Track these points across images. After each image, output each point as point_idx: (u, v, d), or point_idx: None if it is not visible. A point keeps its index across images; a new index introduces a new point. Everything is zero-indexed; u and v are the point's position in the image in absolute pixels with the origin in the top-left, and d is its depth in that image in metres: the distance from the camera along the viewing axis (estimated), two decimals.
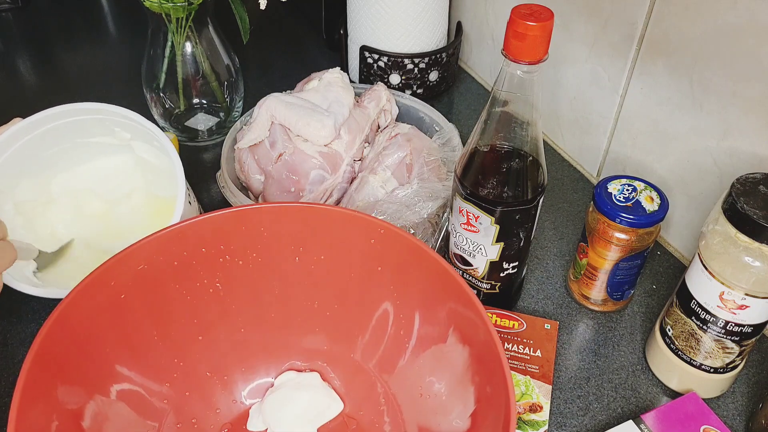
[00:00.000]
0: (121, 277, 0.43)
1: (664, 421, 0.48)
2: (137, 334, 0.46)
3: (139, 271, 0.44)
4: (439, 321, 0.45)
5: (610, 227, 0.54)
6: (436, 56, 0.80)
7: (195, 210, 0.56)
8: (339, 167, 0.61)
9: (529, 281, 0.62)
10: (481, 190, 0.50)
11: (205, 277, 0.48)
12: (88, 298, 0.42)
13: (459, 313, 0.43)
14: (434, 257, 0.44)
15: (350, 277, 0.49)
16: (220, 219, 0.46)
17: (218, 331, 0.50)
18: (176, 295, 0.47)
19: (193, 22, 0.69)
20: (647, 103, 0.63)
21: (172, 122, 0.76)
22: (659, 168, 0.64)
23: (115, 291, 0.43)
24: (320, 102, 0.62)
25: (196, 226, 0.46)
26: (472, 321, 0.41)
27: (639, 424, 0.48)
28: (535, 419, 0.49)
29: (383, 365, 0.50)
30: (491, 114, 0.48)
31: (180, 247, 0.46)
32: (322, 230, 0.47)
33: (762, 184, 0.45)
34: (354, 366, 0.51)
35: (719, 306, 0.46)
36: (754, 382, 0.54)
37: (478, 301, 0.41)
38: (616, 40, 0.64)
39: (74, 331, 0.41)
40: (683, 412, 0.49)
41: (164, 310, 0.47)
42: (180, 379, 0.48)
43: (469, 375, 0.42)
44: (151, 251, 0.44)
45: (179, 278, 0.46)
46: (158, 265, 0.45)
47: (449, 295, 0.43)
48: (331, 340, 0.51)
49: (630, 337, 0.58)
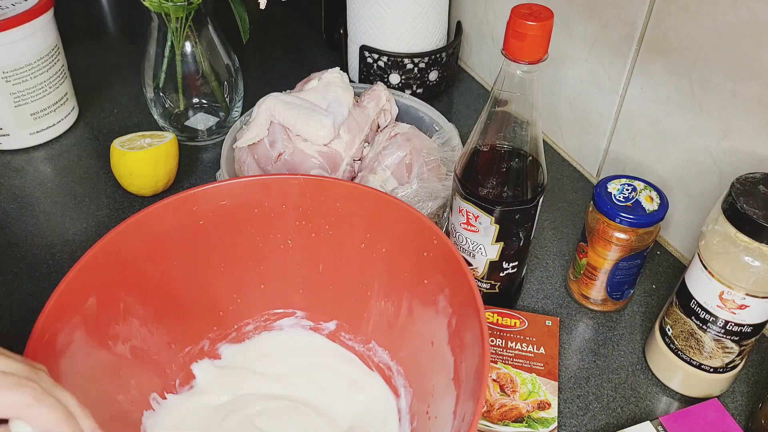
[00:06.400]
0: (204, 206, 0.49)
1: (683, 425, 0.48)
2: (206, 262, 0.51)
3: (221, 205, 0.49)
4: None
5: (609, 227, 0.54)
6: (435, 56, 0.80)
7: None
8: (339, 167, 0.61)
9: (529, 281, 0.62)
10: (480, 190, 0.50)
11: (279, 232, 0.52)
12: (172, 214, 0.48)
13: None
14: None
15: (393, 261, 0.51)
16: (302, 182, 0.50)
17: (278, 283, 0.54)
18: (250, 238, 0.51)
19: (192, 21, 0.69)
20: (647, 103, 0.63)
21: (172, 122, 0.76)
22: (659, 168, 0.64)
23: (196, 215, 0.49)
24: (319, 102, 0.62)
25: (281, 182, 0.50)
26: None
27: (657, 426, 0.48)
28: (545, 417, 0.48)
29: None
30: (491, 114, 0.48)
31: (262, 197, 0.50)
32: (388, 222, 0.49)
33: (762, 184, 0.45)
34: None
35: (719, 306, 0.46)
36: (754, 381, 0.54)
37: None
38: (615, 40, 0.64)
39: (150, 237, 0.47)
40: (703, 417, 0.49)
41: (236, 248, 0.51)
42: (232, 313, 0.53)
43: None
44: (235, 192, 0.50)
45: (256, 224, 0.51)
46: (240, 206, 0.50)
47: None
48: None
49: (630, 337, 0.58)
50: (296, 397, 0.50)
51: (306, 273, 0.53)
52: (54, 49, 0.74)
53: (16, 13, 0.68)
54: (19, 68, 0.70)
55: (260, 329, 0.54)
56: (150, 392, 0.48)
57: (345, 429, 0.49)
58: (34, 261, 0.62)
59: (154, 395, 0.48)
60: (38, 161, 0.75)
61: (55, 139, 0.77)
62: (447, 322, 0.45)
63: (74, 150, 0.76)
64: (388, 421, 0.49)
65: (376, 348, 0.52)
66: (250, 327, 0.54)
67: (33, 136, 0.75)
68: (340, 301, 0.53)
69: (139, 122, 0.80)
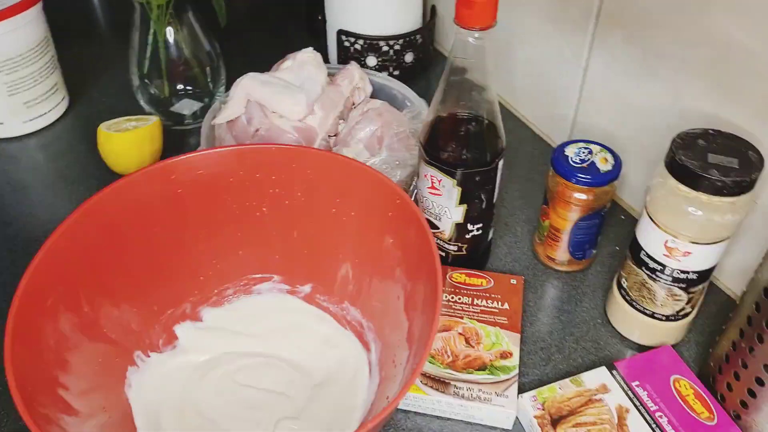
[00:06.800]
0: (182, 175, 0.51)
1: (636, 369, 0.51)
2: (185, 229, 0.53)
3: (198, 174, 0.52)
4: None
5: (568, 188, 0.56)
6: (410, 38, 0.83)
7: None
8: (314, 141, 0.64)
9: (498, 246, 0.65)
10: (442, 154, 0.53)
11: (254, 199, 0.54)
12: (151, 182, 0.50)
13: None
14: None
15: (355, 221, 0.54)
16: (274, 152, 0.53)
17: (255, 249, 0.56)
18: (227, 206, 0.54)
19: (173, 9, 0.72)
20: (608, 74, 0.66)
21: (159, 108, 0.79)
22: (621, 135, 0.66)
23: (174, 184, 0.51)
24: (293, 80, 0.65)
25: (254, 152, 0.53)
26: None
27: (611, 370, 0.51)
28: (506, 365, 0.52)
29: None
30: (449, 81, 0.51)
31: (237, 167, 0.53)
32: (356, 187, 0.52)
33: (701, 138, 0.48)
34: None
35: (665, 254, 0.49)
36: (708, 332, 0.57)
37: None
38: (576, 15, 0.67)
39: (129, 204, 0.50)
40: (656, 361, 0.52)
41: (214, 216, 0.54)
42: (212, 278, 0.56)
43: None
44: (210, 162, 0.52)
45: (232, 192, 0.54)
46: (216, 175, 0.53)
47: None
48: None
49: (592, 294, 0.61)
50: (273, 353, 0.54)
51: (281, 239, 0.56)
52: (44, 40, 0.77)
53: (6, 6, 0.71)
54: (11, 58, 0.73)
55: (240, 293, 0.57)
56: (134, 350, 0.51)
57: (319, 381, 0.52)
58: (28, 238, 0.66)
59: (138, 353, 0.51)
60: (31, 148, 0.78)
61: (47, 127, 0.80)
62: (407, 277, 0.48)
63: (65, 137, 0.79)
64: (359, 372, 0.52)
65: (348, 307, 0.55)
66: (229, 291, 0.57)
67: (26, 124, 0.79)
68: (314, 264, 0.56)
69: (127, 109, 0.82)
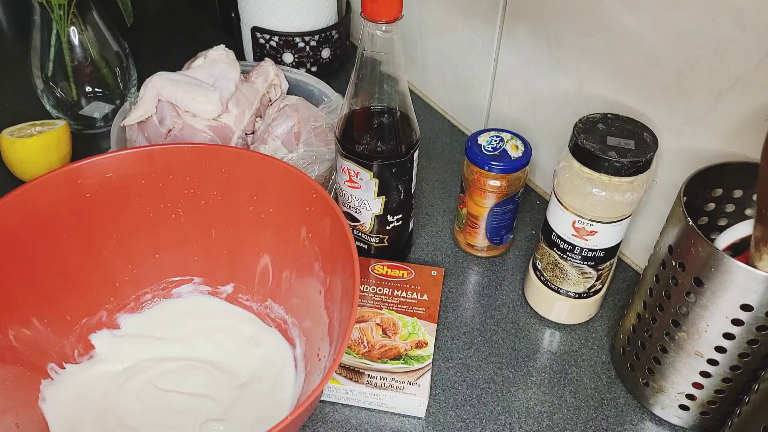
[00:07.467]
0: (89, 179, 0.50)
1: None
2: (96, 235, 0.52)
3: (107, 177, 0.51)
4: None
5: (482, 176, 0.58)
6: (326, 34, 0.83)
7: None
8: (230, 140, 0.63)
9: (420, 236, 0.66)
10: (357, 147, 0.54)
11: (169, 201, 0.53)
12: (56, 188, 0.49)
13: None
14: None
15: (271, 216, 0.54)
16: (186, 151, 0.52)
17: (173, 252, 0.55)
18: (140, 209, 0.53)
19: (76, 8, 0.69)
20: (516, 65, 0.68)
21: (66, 112, 0.76)
22: (532, 123, 0.69)
23: (81, 189, 0.50)
24: (206, 78, 0.64)
25: (165, 152, 0.52)
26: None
27: None
28: (421, 354, 0.53)
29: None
30: (360, 75, 0.52)
31: (148, 168, 0.52)
32: (272, 183, 0.52)
33: (601, 122, 0.50)
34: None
35: (574, 234, 0.52)
36: (619, 307, 0.60)
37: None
38: (484, 7, 0.69)
39: (33, 211, 0.48)
40: None
41: (126, 220, 0.53)
42: (128, 283, 0.55)
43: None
44: (119, 164, 0.51)
45: (144, 195, 0.53)
46: (126, 178, 0.52)
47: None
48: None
49: (511, 278, 0.63)
50: (196, 357, 0.53)
51: (199, 240, 0.55)
52: None
53: None
54: None
55: (159, 297, 0.56)
56: (47, 362, 0.49)
57: (245, 380, 0.51)
58: None
59: (52, 365, 0.49)
60: None
61: None
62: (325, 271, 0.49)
63: None
64: (285, 368, 0.52)
65: (272, 305, 0.55)
66: (148, 296, 0.56)
67: None
68: (234, 264, 0.56)
69: (32, 114, 0.79)
